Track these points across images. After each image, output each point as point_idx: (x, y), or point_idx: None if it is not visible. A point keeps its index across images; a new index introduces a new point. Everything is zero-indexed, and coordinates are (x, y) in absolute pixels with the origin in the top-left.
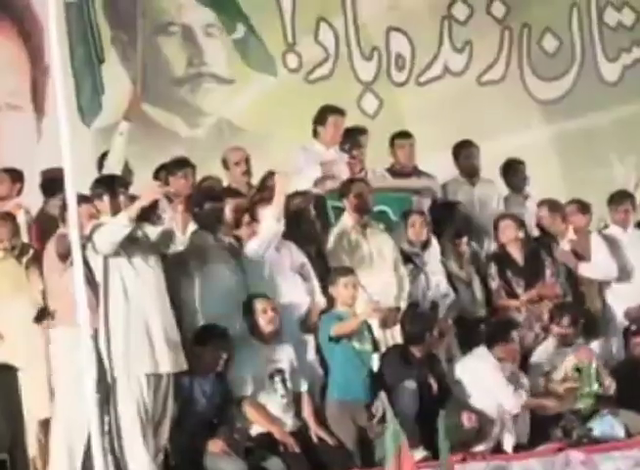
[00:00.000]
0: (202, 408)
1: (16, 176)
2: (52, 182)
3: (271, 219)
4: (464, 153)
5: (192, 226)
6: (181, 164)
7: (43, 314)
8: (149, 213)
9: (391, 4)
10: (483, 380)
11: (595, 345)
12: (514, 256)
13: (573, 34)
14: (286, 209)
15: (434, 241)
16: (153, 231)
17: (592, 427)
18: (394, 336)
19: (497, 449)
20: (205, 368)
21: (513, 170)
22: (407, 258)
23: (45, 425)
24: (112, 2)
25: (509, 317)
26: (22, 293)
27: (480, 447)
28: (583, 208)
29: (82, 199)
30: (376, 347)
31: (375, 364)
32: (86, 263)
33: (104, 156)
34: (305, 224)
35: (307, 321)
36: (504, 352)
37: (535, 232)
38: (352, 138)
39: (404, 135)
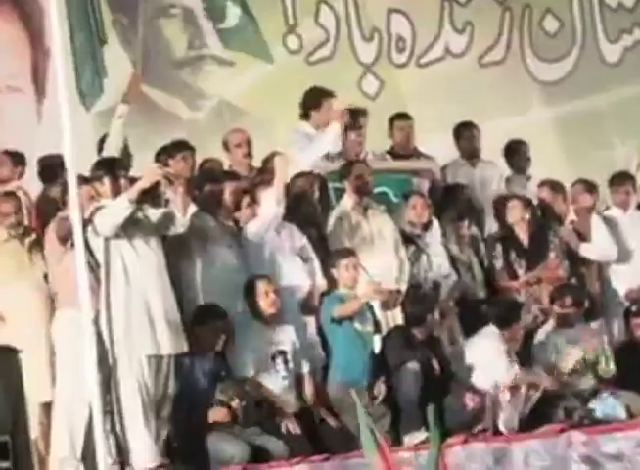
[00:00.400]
0: (203, 388)
1: (17, 159)
2: (50, 169)
3: (271, 202)
4: (465, 134)
5: (192, 208)
6: (180, 146)
7: None
8: (150, 195)
9: None
10: (487, 357)
11: (595, 325)
12: (519, 236)
13: (574, 15)
14: (288, 190)
15: (436, 223)
16: (153, 213)
17: (594, 408)
18: (395, 318)
19: (498, 430)
20: (204, 348)
21: (516, 151)
22: (408, 240)
23: (47, 407)
24: None
25: (515, 298)
26: (25, 275)
27: (477, 428)
28: (589, 187)
29: (82, 181)
30: (377, 328)
31: (377, 346)
32: (87, 246)
33: (103, 139)
34: (307, 206)
35: (308, 303)
36: (513, 332)
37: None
38: (352, 119)
39: (403, 117)
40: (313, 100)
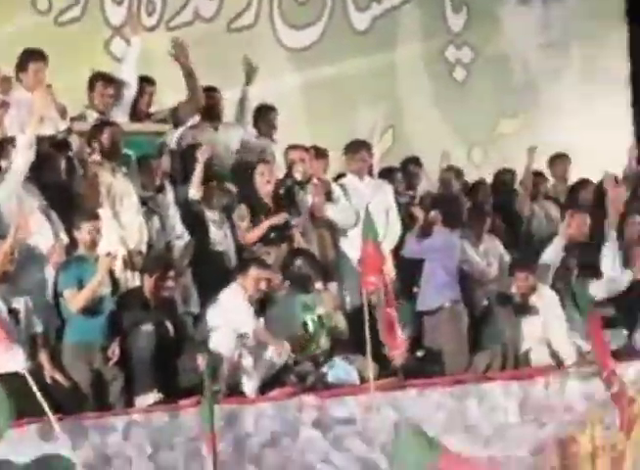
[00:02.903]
0: None
1: None
2: None
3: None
4: (208, 99)
5: None
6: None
7: None
8: None
9: None
10: (228, 309)
11: (331, 288)
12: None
13: None
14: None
15: (169, 186)
16: None
17: (326, 372)
18: (135, 279)
19: (233, 393)
20: None
21: (264, 116)
22: (142, 202)
23: None
24: None
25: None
26: None
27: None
28: (319, 153)
29: None
30: (115, 289)
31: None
32: None
33: None
34: (51, 170)
35: (49, 262)
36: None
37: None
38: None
39: (148, 81)
40: (20, 62)
